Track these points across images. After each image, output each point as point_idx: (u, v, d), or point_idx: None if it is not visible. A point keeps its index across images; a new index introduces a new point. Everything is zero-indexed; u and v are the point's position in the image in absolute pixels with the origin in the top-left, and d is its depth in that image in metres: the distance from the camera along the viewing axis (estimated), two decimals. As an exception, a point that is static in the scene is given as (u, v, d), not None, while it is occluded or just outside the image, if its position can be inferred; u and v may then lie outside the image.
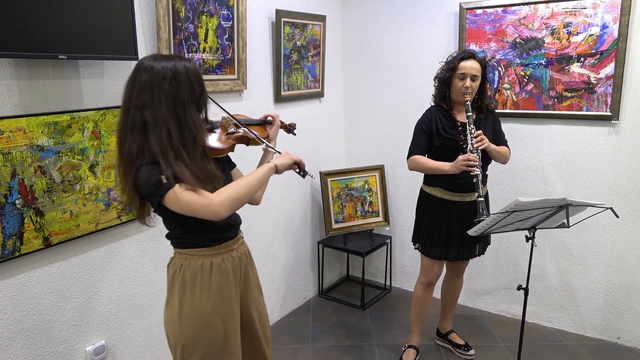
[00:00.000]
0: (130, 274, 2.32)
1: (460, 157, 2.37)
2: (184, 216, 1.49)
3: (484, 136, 2.40)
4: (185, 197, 1.44)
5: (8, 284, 1.86)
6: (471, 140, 2.37)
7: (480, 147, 2.37)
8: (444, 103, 2.57)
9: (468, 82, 2.43)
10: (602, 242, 2.97)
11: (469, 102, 2.41)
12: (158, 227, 1.71)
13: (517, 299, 3.29)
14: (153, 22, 2.26)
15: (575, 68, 2.88)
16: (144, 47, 2.24)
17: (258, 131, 1.80)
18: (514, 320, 3.28)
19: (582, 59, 2.85)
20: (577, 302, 3.10)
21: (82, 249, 2.10)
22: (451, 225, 2.57)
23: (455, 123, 2.52)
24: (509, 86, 3.09)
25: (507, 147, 2.62)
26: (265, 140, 1.79)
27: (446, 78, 2.50)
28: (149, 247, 2.38)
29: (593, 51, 2.81)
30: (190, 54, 2.42)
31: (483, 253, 2.73)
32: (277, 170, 1.65)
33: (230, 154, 1.75)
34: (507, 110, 3.11)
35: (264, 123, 1.88)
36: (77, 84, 2.01)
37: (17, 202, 1.81)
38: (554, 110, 2.98)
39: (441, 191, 2.57)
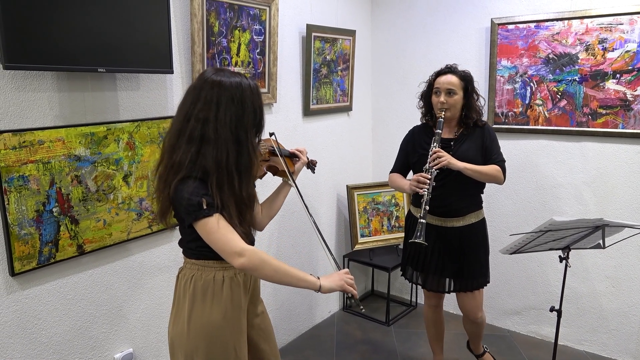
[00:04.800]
0: (160, 283, 2.35)
1: (414, 176, 2.32)
2: None
3: (442, 154, 2.24)
4: (221, 234, 1.43)
5: (43, 290, 1.91)
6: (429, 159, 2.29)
7: (435, 167, 2.24)
8: (429, 120, 2.52)
9: (442, 97, 2.36)
10: (638, 264, 2.87)
11: (441, 119, 2.34)
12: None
13: (547, 320, 3.20)
14: (188, 36, 2.31)
15: (610, 85, 2.81)
16: (179, 61, 2.29)
17: (286, 163, 1.81)
18: (544, 342, 3.19)
19: (617, 75, 2.79)
20: (611, 325, 3.00)
21: (114, 257, 2.14)
22: (428, 251, 2.42)
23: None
24: (541, 102, 3.04)
25: (501, 166, 2.37)
26: (292, 176, 1.80)
27: (424, 94, 2.49)
28: (178, 256, 2.38)
29: (630, 67, 2.75)
30: (222, 68, 2.47)
31: (477, 289, 2.45)
32: (320, 291, 1.55)
33: None
34: (539, 127, 3.06)
35: (292, 156, 1.89)
36: (114, 96, 2.07)
37: (54, 210, 1.87)
38: (588, 127, 2.92)
39: None
